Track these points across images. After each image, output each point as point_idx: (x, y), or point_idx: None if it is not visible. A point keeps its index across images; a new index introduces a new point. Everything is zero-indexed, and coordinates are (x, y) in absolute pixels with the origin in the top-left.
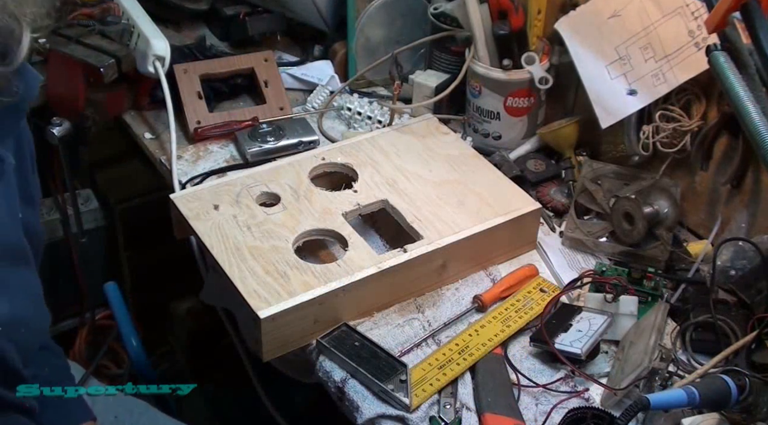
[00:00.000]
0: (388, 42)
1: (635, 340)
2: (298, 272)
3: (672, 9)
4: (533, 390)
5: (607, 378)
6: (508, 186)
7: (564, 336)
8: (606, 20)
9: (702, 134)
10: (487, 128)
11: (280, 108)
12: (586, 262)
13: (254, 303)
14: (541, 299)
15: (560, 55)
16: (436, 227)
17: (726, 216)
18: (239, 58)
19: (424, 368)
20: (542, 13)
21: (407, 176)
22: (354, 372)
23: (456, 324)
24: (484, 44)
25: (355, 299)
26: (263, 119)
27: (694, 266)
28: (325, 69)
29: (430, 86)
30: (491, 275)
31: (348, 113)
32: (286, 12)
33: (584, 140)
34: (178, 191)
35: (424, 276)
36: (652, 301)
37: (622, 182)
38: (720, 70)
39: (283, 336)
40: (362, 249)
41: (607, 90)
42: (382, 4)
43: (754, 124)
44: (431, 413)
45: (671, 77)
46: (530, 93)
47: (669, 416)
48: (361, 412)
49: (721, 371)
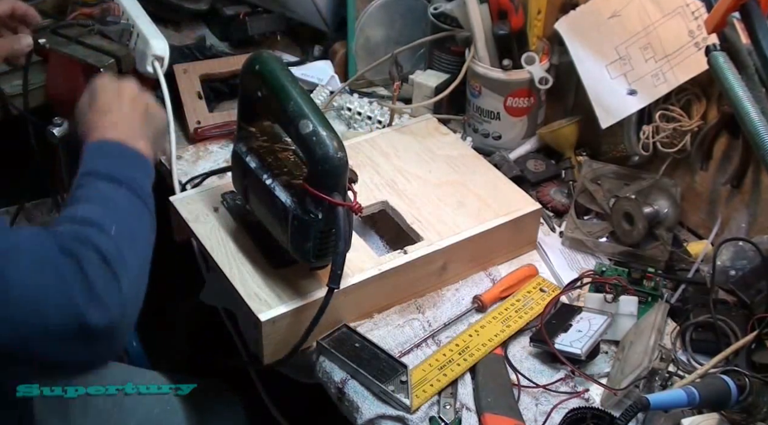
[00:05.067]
0: (388, 42)
1: (635, 340)
2: (298, 274)
3: (672, 9)
4: (533, 391)
5: (607, 378)
6: (508, 186)
7: (564, 336)
8: (606, 20)
9: (702, 134)
10: (487, 128)
11: None
12: (586, 262)
13: (255, 306)
14: (541, 299)
15: (560, 55)
16: (436, 228)
17: (726, 216)
18: (239, 58)
19: (424, 369)
20: (542, 13)
21: (407, 177)
22: (354, 373)
23: (456, 325)
24: (484, 44)
25: (356, 300)
26: None
27: (694, 266)
28: (325, 69)
29: (430, 86)
30: (491, 276)
31: (348, 113)
32: (286, 12)
33: (584, 140)
34: (178, 194)
35: (424, 277)
36: (652, 301)
37: (622, 182)
38: (719, 71)
39: (284, 338)
40: (362, 251)
41: (607, 90)
42: (382, 4)
43: (754, 124)
44: (431, 413)
45: (671, 77)
46: (530, 93)
47: (669, 416)
48: (361, 413)
49: (721, 371)
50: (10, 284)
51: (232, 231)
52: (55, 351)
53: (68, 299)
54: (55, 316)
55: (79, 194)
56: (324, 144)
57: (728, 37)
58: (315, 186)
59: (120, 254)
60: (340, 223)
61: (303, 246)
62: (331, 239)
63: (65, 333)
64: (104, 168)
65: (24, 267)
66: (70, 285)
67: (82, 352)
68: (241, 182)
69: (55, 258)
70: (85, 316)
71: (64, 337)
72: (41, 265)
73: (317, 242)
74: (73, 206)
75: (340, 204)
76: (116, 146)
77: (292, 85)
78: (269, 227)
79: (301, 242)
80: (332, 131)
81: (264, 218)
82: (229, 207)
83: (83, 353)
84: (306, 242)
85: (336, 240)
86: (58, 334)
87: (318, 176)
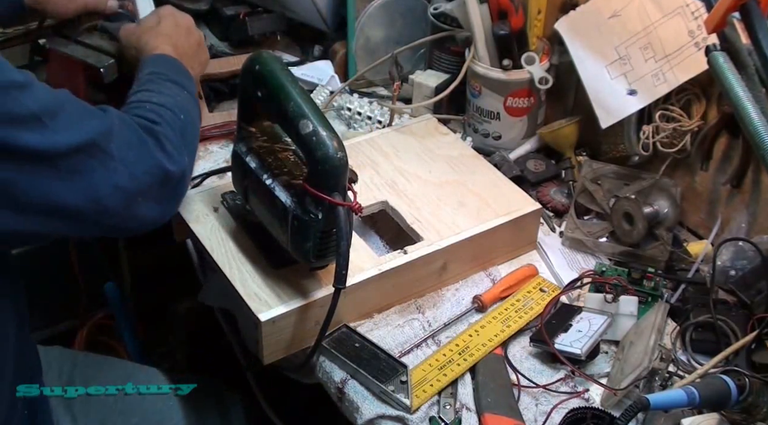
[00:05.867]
0: (388, 42)
1: (635, 340)
2: (298, 274)
3: (672, 9)
4: (533, 391)
5: (607, 378)
6: (508, 186)
7: (564, 336)
8: (606, 20)
9: (702, 134)
10: (487, 128)
11: None
12: (586, 262)
13: (255, 306)
14: (541, 299)
15: (560, 55)
16: (436, 228)
17: (726, 216)
18: (239, 58)
19: (424, 369)
20: (542, 13)
21: (407, 177)
22: (354, 373)
23: (456, 325)
24: (484, 44)
25: (356, 300)
26: None
27: (694, 266)
28: (325, 69)
29: (430, 86)
30: (491, 276)
31: (348, 113)
32: (286, 12)
33: (584, 140)
34: None
35: (424, 277)
36: (652, 301)
37: (622, 182)
38: (719, 71)
39: (284, 338)
40: (362, 251)
41: (607, 90)
42: (382, 4)
43: (754, 124)
44: (431, 413)
45: (671, 77)
46: (530, 93)
47: (669, 416)
48: (361, 413)
49: (721, 371)
50: (112, 157)
51: (232, 231)
52: (147, 206)
53: (155, 162)
54: (146, 176)
55: (150, 86)
56: (324, 144)
57: (728, 37)
58: (315, 186)
59: (184, 131)
60: (341, 223)
61: (303, 246)
62: (332, 239)
63: (153, 185)
64: (170, 72)
65: (120, 145)
66: (153, 155)
67: (167, 196)
68: (241, 182)
69: (140, 135)
70: (167, 167)
71: (151, 189)
72: (130, 142)
73: (317, 243)
74: (149, 93)
75: (340, 204)
76: (176, 62)
77: (292, 85)
78: (269, 227)
79: (301, 242)
80: (332, 131)
81: (264, 218)
82: (229, 207)
83: (167, 197)
84: (306, 242)
85: (338, 240)
86: (148, 188)
87: (318, 176)
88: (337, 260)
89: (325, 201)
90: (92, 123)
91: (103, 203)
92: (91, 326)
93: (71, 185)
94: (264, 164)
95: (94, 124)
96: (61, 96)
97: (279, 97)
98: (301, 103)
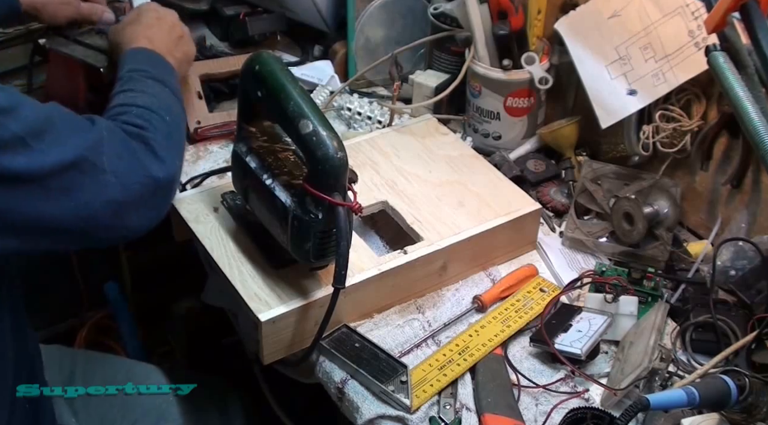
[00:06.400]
0: (388, 42)
1: (635, 340)
2: (298, 274)
3: (672, 9)
4: (533, 391)
5: (607, 378)
6: (508, 186)
7: (564, 336)
8: (606, 20)
9: (702, 134)
10: (487, 128)
11: None
12: (586, 262)
13: (255, 306)
14: (541, 299)
15: (560, 55)
16: (436, 229)
17: (726, 216)
18: (239, 58)
19: (424, 369)
20: (542, 13)
21: (407, 177)
22: (354, 373)
23: (456, 325)
24: (484, 44)
25: (356, 300)
26: None
27: (694, 266)
28: (325, 69)
29: (430, 86)
30: (491, 276)
31: (348, 113)
32: (286, 12)
33: (584, 140)
34: (178, 194)
35: (425, 278)
36: (652, 301)
37: (622, 182)
38: (719, 71)
39: (284, 338)
40: (362, 251)
41: (607, 90)
42: (382, 4)
43: (753, 124)
44: (431, 413)
45: (671, 77)
46: (530, 93)
47: (669, 416)
48: (360, 413)
49: (721, 371)
50: (104, 170)
51: (232, 231)
52: (138, 214)
53: (145, 171)
54: (137, 186)
55: (132, 85)
56: (324, 144)
57: (728, 37)
58: (315, 186)
59: (171, 133)
60: (341, 223)
61: (303, 246)
62: (332, 239)
63: (144, 194)
64: (150, 69)
65: (111, 156)
66: (143, 163)
67: (158, 204)
68: (241, 182)
69: (129, 144)
70: (157, 174)
71: (142, 198)
72: (121, 152)
73: (317, 243)
74: (133, 94)
75: (340, 204)
76: (156, 55)
77: (292, 85)
78: (269, 227)
79: (301, 242)
80: (332, 131)
81: (264, 218)
82: (229, 207)
83: (157, 204)
84: (306, 242)
85: (338, 240)
86: (140, 197)
87: (318, 176)
88: (337, 260)
89: (325, 201)
90: (81, 137)
91: (94, 219)
92: (91, 326)
93: (62, 204)
94: (264, 164)
95: (83, 138)
96: (48, 111)
97: (279, 97)
98: (301, 103)
